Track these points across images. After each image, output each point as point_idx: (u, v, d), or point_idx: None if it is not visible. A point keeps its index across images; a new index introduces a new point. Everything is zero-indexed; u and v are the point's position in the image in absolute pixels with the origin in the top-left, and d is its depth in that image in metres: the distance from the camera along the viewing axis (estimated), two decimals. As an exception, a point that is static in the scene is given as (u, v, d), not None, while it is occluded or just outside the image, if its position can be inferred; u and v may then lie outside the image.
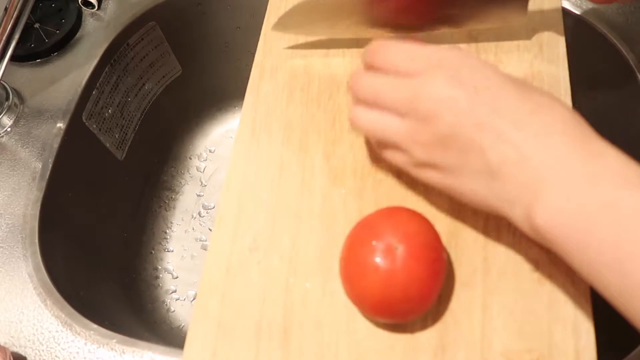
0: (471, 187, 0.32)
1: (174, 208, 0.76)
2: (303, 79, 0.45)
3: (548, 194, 0.28)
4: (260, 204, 0.40)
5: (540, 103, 0.30)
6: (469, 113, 0.30)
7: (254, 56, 0.46)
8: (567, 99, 0.41)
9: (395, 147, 0.35)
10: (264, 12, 0.49)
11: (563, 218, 0.28)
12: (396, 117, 0.33)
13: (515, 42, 0.44)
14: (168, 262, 0.72)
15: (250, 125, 0.43)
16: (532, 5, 0.45)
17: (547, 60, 0.43)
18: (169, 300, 0.70)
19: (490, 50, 0.44)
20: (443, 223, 0.37)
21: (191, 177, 0.79)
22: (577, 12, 0.57)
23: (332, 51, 0.46)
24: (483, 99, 0.30)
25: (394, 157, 0.36)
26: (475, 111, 0.30)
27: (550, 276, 0.34)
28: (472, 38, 0.44)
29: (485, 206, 0.32)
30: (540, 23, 0.45)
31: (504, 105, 0.29)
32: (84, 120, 0.61)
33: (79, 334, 0.46)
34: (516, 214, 0.30)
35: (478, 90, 0.30)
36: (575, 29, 0.56)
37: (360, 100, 0.36)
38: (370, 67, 0.36)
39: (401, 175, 0.39)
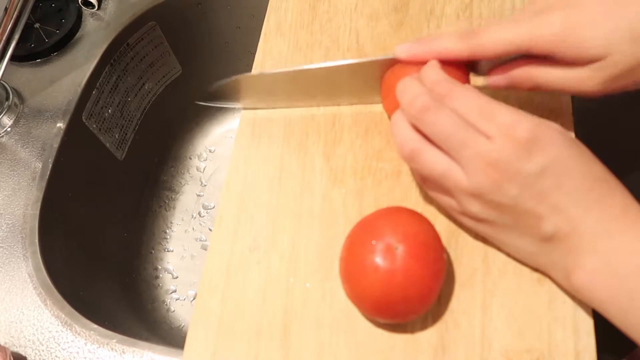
0: (518, 244, 0.34)
1: (174, 208, 0.76)
2: (303, 79, 0.45)
3: (587, 259, 0.30)
4: (260, 204, 0.40)
5: (597, 177, 0.31)
6: (533, 186, 0.30)
7: (254, 56, 0.46)
8: (567, 99, 0.41)
9: (448, 193, 0.34)
10: (264, 12, 0.49)
11: (600, 281, 0.30)
12: (460, 169, 0.32)
13: (515, 42, 0.44)
14: (168, 262, 0.72)
15: (250, 126, 0.43)
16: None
17: (547, 60, 0.43)
18: (169, 300, 0.70)
19: (490, 50, 0.44)
20: (443, 223, 0.37)
21: (191, 177, 0.79)
22: (577, 12, 0.57)
23: (332, 51, 0.46)
24: (549, 175, 0.30)
25: (443, 200, 0.35)
26: (540, 184, 0.30)
27: (550, 276, 0.34)
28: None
29: (525, 259, 0.34)
30: (540, 23, 0.45)
31: (566, 182, 0.30)
32: (84, 120, 0.61)
33: (79, 334, 0.46)
34: (556, 272, 0.33)
35: (546, 167, 0.30)
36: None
37: (420, 131, 0.33)
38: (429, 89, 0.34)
39: (401, 175, 0.39)
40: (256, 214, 0.39)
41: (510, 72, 0.35)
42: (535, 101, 0.41)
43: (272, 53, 0.46)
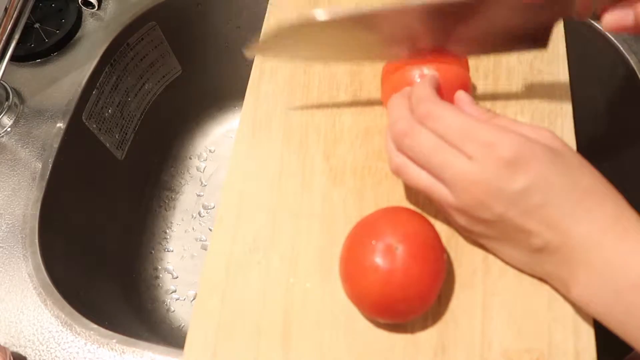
0: (511, 254, 0.34)
1: (174, 208, 0.76)
2: (303, 79, 0.45)
3: (580, 272, 0.30)
4: (260, 204, 0.40)
5: (585, 188, 0.30)
6: (518, 204, 0.30)
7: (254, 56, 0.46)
8: (567, 99, 0.41)
9: (440, 207, 0.35)
10: (264, 12, 0.49)
11: (595, 295, 0.30)
12: (445, 187, 0.32)
13: (515, 42, 0.44)
14: (168, 262, 0.72)
15: (250, 125, 0.43)
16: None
17: (547, 60, 0.43)
18: (169, 300, 0.70)
19: (490, 50, 0.44)
20: (443, 223, 0.37)
21: (191, 177, 0.79)
22: (577, 12, 0.57)
23: (332, 51, 0.46)
24: (534, 192, 0.30)
25: (438, 208, 0.36)
26: (525, 202, 0.30)
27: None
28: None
29: (521, 268, 0.35)
30: (540, 23, 0.45)
31: (553, 197, 0.30)
32: (84, 120, 0.61)
33: (79, 334, 0.46)
34: (554, 282, 0.33)
35: (529, 185, 0.30)
36: (575, 29, 0.56)
37: (405, 152, 0.34)
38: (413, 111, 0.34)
39: (401, 175, 0.39)
40: (256, 214, 0.39)
41: None
42: (535, 102, 0.41)
43: (272, 53, 0.46)
